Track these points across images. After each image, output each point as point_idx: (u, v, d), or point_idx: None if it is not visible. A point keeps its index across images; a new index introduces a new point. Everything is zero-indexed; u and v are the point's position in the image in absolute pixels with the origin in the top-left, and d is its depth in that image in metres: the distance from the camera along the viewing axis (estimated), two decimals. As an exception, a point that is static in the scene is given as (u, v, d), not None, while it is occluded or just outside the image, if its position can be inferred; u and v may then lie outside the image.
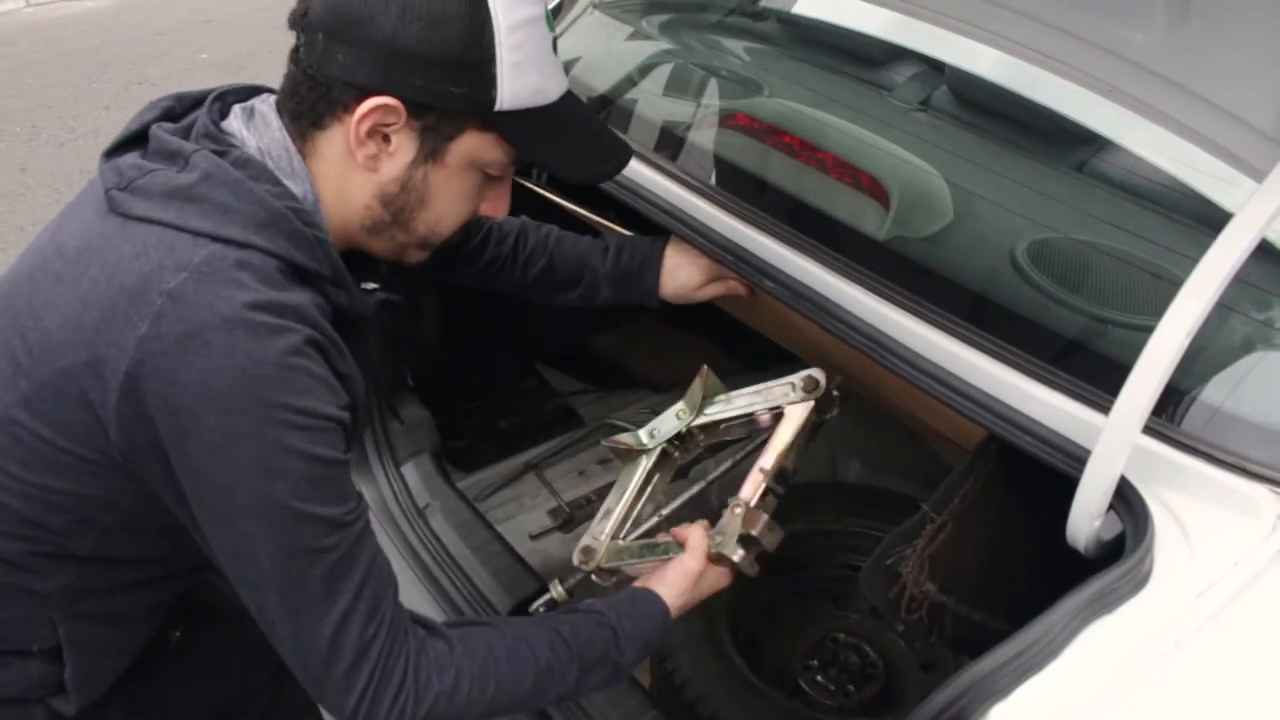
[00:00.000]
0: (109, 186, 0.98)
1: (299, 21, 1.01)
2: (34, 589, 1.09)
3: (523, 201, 1.45)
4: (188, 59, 5.61)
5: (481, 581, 1.52)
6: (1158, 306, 0.99)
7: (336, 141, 1.02)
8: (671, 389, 2.29)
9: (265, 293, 0.92)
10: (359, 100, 0.99)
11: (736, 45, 2.05)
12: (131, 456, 0.96)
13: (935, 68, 1.74)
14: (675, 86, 1.91)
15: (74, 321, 0.94)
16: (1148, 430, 1.07)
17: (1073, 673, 0.93)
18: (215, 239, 0.93)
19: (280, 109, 1.05)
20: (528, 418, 2.20)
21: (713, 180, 1.64)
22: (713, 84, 1.91)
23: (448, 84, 0.99)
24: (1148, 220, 1.36)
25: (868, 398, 1.70)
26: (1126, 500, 1.05)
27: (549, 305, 1.56)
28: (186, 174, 0.96)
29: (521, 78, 1.01)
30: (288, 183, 1.01)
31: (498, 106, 1.01)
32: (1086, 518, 1.04)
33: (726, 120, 1.81)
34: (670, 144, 1.76)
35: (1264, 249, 1.16)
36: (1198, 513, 1.06)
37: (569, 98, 1.08)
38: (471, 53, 0.98)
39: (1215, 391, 1.15)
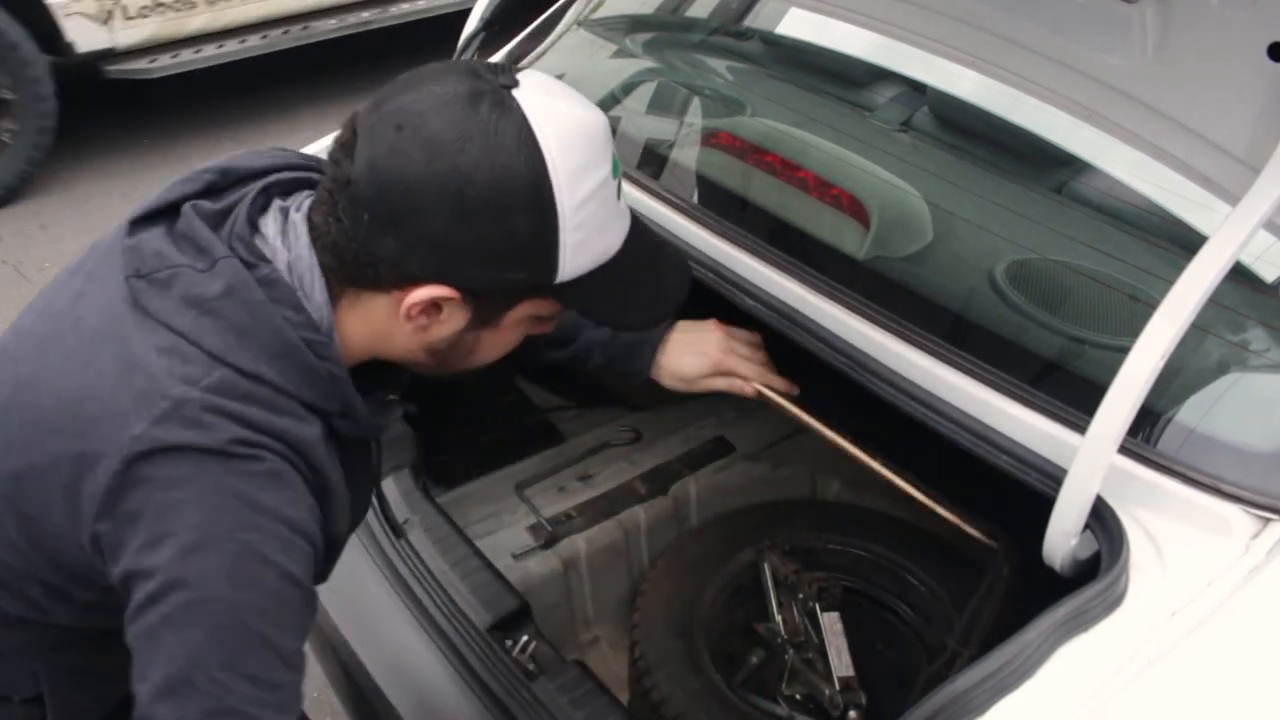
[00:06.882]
0: (129, 273, 0.95)
1: (341, 186, 0.92)
2: (17, 643, 1.08)
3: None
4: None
5: (460, 598, 1.51)
6: (1134, 328, 1.00)
7: (379, 304, 0.97)
8: (650, 408, 2.28)
9: (269, 421, 0.91)
10: (409, 285, 0.93)
11: (720, 64, 2.06)
12: (99, 546, 0.92)
13: (917, 89, 1.75)
14: (658, 105, 1.92)
15: (73, 408, 0.92)
16: (1124, 450, 1.08)
17: (1047, 692, 0.94)
18: (225, 363, 0.91)
19: (314, 242, 0.97)
20: (508, 433, 2.19)
21: (694, 198, 1.64)
22: (695, 102, 1.92)
23: (507, 273, 0.93)
24: (1125, 242, 1.37)
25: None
26: (1102, 520, 1.06)
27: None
28: (210, 282, 0.93)
29: (584, 253, 0.95)
30: (308, 307, 0.96)
31: (558, 280, 0.95)
32: (1062, 537, 1.05)
33: (709, 139, 1.82)
34: (652, 162, 1.77)
35: (1238, 272, 1.17)
36: (1172, 532, 1.07)
37: (630, 239, 1.01)
38: (534, 245, 0.92)
39: (1190, 412, 1.16)
